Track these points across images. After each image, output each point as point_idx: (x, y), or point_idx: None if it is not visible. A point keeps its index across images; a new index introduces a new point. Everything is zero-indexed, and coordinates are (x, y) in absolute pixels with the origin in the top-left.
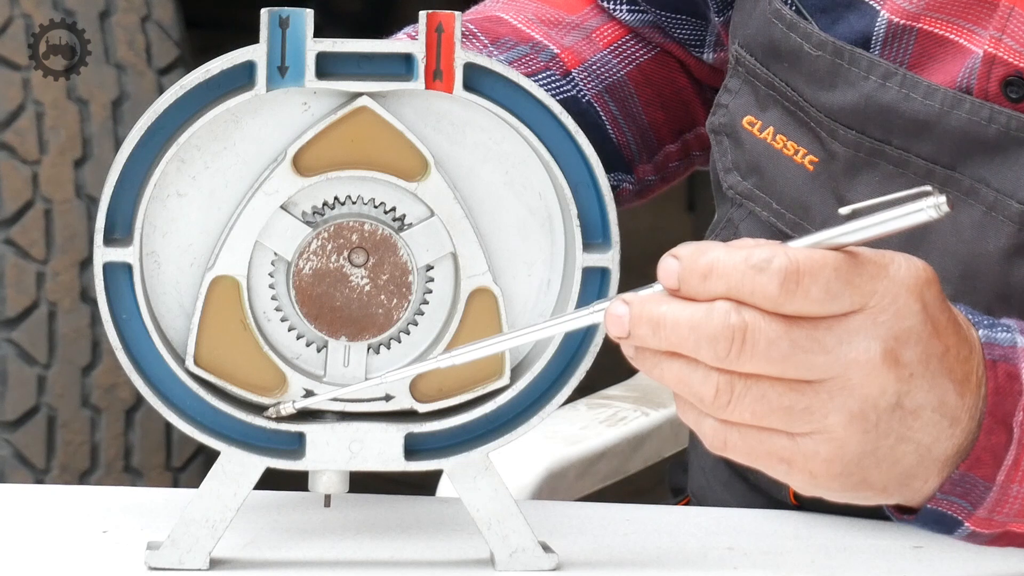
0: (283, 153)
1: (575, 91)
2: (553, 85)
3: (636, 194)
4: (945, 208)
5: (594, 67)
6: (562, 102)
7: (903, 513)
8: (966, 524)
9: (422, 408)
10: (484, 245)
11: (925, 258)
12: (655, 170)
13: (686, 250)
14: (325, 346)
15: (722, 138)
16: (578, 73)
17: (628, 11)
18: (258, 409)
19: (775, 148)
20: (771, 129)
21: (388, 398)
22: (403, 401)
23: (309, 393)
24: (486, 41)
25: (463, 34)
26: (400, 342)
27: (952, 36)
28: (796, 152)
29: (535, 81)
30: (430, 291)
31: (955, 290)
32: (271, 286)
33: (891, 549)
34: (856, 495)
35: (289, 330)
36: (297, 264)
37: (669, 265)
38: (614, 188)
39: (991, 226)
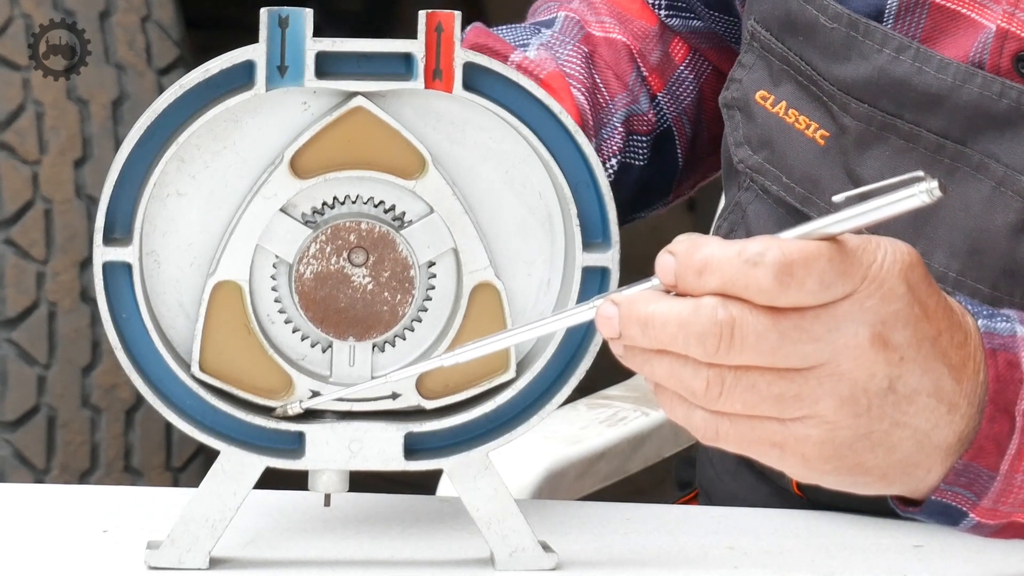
0: (280, 156)
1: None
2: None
3: (663, 206)
4: (937, 193)
5: (673, 87)
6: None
7: (908, 506)
8: (971, 515)
9: (429, 405)
10: (485, 241)
11: (934, 233)
12: (692, 187)
13: (681, 246)
14: (330, 347)
15: (734, 112)
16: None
17: (672, 15)
18: (258, 408)
19: (787, 122)
20: (784, 103)
21: (395, 396)
22: (410, 399)
23: (316, 394)
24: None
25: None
26: (405, 339)
27: (964, 10)
28: (808, 126)
29: None
30: (433, 287)
31: (962, 265)
32: (274, 289)
33: (892, 547)
34: (854, 480)
35: (293, 332)
36: (298, 269)
37: (665, 262)
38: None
39: (1000, 201)
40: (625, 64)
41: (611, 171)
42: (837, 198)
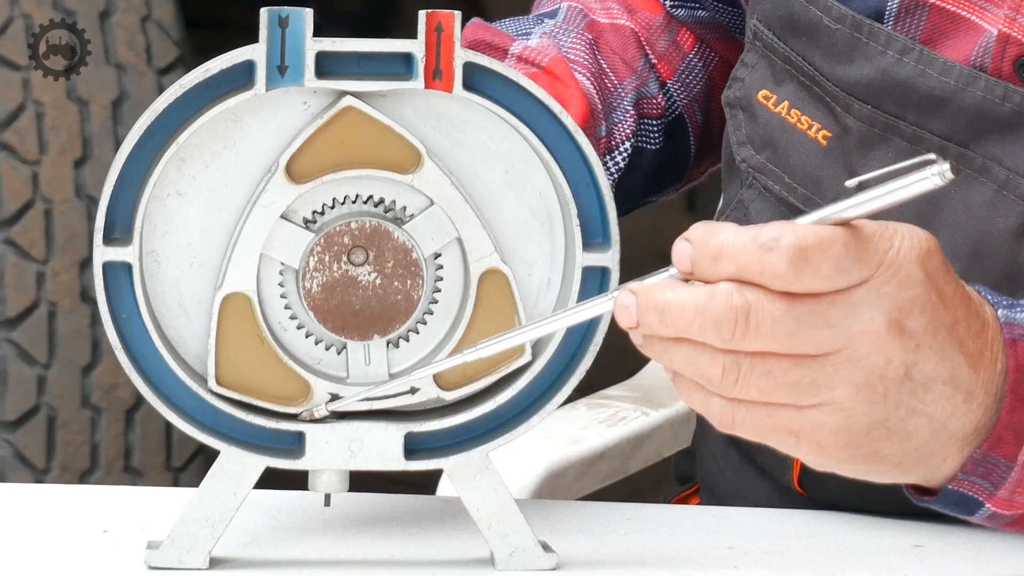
0: (276, 163)
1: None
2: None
3: (674, 191)
4: (949, 175)
5: (683, 75)
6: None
7: (923, 495)
8: (987, 505)
9: (449, 396)
10: (488, 227)
11: (935, 235)
12: (703, 172)
13: (697, 233)
14: (344, 348)
15: (737, 112)
16: (672, 84)
17: (677, 6)
18: (276, 415)
19: (789, 122)
20: (786, 103)
21: (413, 391)
22: (428, 392)
23: (335, 396)
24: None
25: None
26: (418, 333)
27: (965, 13)
28: (810, 127)
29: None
30: (441, 279)
31: (964, 268)
32: (283, 296)
33: (891, 547)
34: (870, 469)
35: (307, 337)
36: (304, 285)
37: (682, 249)
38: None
39: (1002, 205)
40: (633, 50)
41: (625, 155)
42: (850, 183)
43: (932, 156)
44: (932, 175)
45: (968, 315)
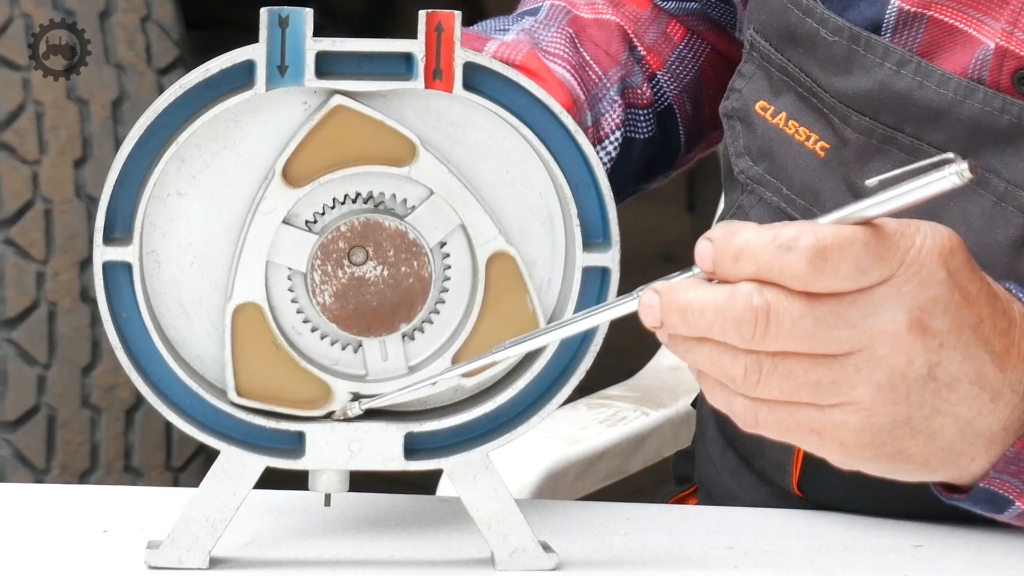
0: (272, 170)
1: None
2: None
3: (664, 178)
4: (968, 174)
5: (673, 66)
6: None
7: (952, 492)
8: (1017, 504)
9: (469, 384)
10: (490, 211)
11: None
12: (692, 159)
13: (719, 232)
14: (360, 346)
15: (734, 122)
16: (662, 75)
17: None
18: (263, 411)
19: (787, 134)
20: (783, 115)
21: (435, 383)
22: (450, 381)
23: (356, 396)
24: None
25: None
26: (432, 323)
27: (962, 26)
28: (808, 138)
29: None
30: (449, 267)
31: None
32: (293, 300)
33: (891, 547)
34: (895, 467)
35: (322, 339)
36: (318, 300)
37: (703, 248)
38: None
39: (1000, 216)
40: (617, 43)
41: (616, 144)
42: (870, 182)
43: (951, 155)
44: (951, 174)
45: (994, 313)
